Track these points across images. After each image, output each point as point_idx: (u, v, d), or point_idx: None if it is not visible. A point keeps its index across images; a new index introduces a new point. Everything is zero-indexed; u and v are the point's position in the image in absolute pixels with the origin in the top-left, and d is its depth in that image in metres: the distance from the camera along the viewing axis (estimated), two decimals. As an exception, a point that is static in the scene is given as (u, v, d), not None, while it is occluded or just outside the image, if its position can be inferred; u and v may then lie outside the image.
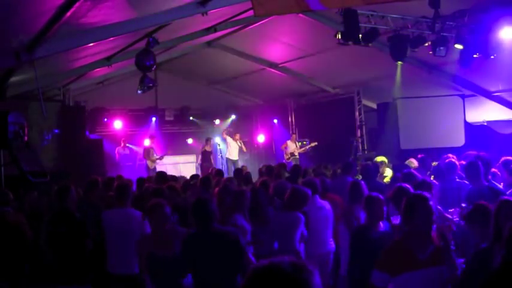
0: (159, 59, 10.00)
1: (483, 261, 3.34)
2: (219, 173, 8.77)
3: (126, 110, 15.54)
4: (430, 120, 13.05)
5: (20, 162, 8.41)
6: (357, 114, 14.85)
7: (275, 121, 17.47)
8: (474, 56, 9.47)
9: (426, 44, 9.67)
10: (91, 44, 7.33)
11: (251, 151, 17.51)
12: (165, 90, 14.64)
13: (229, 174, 12.59)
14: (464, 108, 13.16)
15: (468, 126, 13.28)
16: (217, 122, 17.28)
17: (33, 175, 8.50)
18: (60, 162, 11.85)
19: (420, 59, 11.34)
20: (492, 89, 12.68)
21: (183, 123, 16.95)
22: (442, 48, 9.52)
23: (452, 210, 5.17)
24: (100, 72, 11.53)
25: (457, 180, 6.00)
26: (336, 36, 9.57)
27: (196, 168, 15.51)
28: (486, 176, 5.48)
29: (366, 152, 14.28)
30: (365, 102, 15.22)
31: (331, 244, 5.54)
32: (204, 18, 7.33)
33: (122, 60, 10.13)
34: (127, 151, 14.75)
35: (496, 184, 5.46)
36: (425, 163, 7.90)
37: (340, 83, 15.04)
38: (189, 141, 16.96)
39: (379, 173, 8.62)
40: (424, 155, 8.23)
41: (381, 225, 4.37)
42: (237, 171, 9.31)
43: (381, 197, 4.41)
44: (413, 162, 8.51)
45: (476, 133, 12.90)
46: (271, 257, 1.59)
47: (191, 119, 16.97)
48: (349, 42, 9.47)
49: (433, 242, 3.28)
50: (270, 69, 14.36)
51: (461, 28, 9.38)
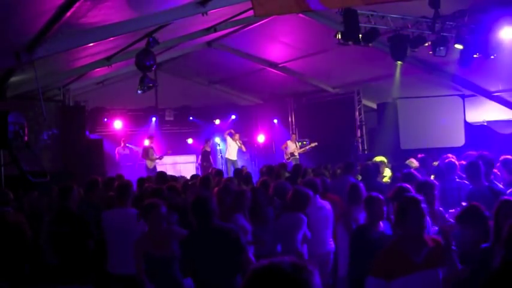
0: (159, 59, 10.01)
1: (483, 261, 3.34)
2: (219, 173, 8.77)
3: (126, 110, 15.55)
4: (430, 120, 13.05)
5: (20, 162, 8.41)
6: (357, 114, 14.85)
7: (275, 121, 17.46)
8: (474, 56, 9.49)
9: (426, 44, 9.68)
10: (91, 44, 7.34)
11: (251, 151, 17.50)
12: (165, 90, 14.64)
13: (228, 174, 12.59)
14: (464, 108, 13.17)
15: (468, 126, 13.29)
16: (217, 122, 17.27)
17: (33, 175, 8.50)
18: (60, 162, 11.86)
19: (420, 59, 11.35)
20: (492, 89, 12.69)
21: (183, 123, 16.96)
22: (442, 48, 9.53)
23: (452, 211, 5.16)
24: (100, 72, 11.53)
25: (457, 180, 5.99)
26: (336, 36, 9.57)
27: (196, 168, 15.51)
28: (488, 176, 5.41)
29: (366, 152, 14.28)
30: (365, 102, 15.22)
31: (331, 244, 5.53)
32: (204, 18, 7.33)
33: (121, 60, 10.13)
34: (127, 151, 14.75)
35: (497, 184, 5.40)
36: (425, 163, 7.88)
37: (340, 83, 15.05)
38: (189, 141, 16.96)
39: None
40: (424, 155, 8.21)
41: (381, 225, 4.37)
42: (237, 172, 9.30)
43: (380, 197, 4.41)
44: (413, 162, 8.49)
45: (476, 133, 12.90)
46: (272, 257, 1.59)
47: (191, 119, 16.98)
48: (349, 42, 9.47)
49: (427, 245, 3.23)
50: (270, 69, 14.37)
51: (461, 28, 9.39)
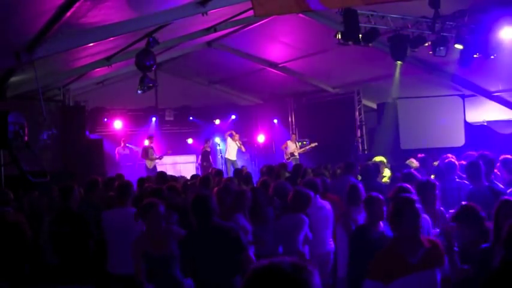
0: (159, 59, 10.01)
1: (483, 261, 3.34)
2: (219, 173, 8.76)
3: (126, 110, 15.55)
4: (430, 120, 13.05)
5: (20, 162, 8.41)
6: (357, 114, 14.85)
7: (275, 121, 17.46)
8: (474, 56, 9.49)
9: (426, 44, 9.68)
10: (91, 44, 7.34)
11: (251, 151, 17.50)
12: (165, 90, 14.65)
13: (228, 174, 12.59)
14: (464, 108, 13.18)
15: (468, 126, 13.29)
16: (217, 122, 17.27)
17: (33, 175, 8.50)
18: (60, 162, 11.85)
19: (420, 59, 11.35)
20: (492, 89, 12.69)
21: (183, 123, 16.96)
22: (442, 48, 9.53)
23: (452, 211, 5.14)
24: (100, 72, 11.53)
25: (457, 180, 5.98)
26: (336, 36, 9.56)
27: (196, 168, 15.51)
28: (488, 176, 5.36)
29: (366, 152, 14.28)
30: (365, 102, 15.22)
31: (331, 244, 5.53)
32: (204, 18, 7.33)
33: (121, 60, 10.13)
34: (127, 151, 14.75)
35: (497, 184, 5.35)
36: (425, 163, 7.87)
37: (340, 83, 15.05)
38: (189, 141, 16.96)
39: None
40: (424, 155, 8.21)
41: (381, 226, 4.36)
42: (237, 172, 9.30)
43: (380, 197, 4.41)
44: (413, 162, 8.49)
45: (476, 133, 12.91)
46: (273, 257, 1.59)
47: (191, 119, 16.97)
48: (349, 42, 9.47)
49: (424, 245, 3.19)
50: (270, 69, 14.36)
51: (461, 28, 9.39)
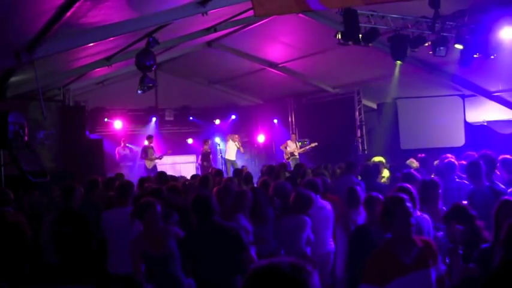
0: (159, 59, 10.00)
1: (484, 261, 3.34)
2: (219, 173, 8.76)
3: (126, 110, 15.54)
4: (430, 120, 13.05)
5: (20, 162, 8.41)
6: (357, 114, 14.84)
7: (275, 121, 17.45)
8: (474, 56, 9.49)
9: (426, 44, 9.68)
10: (91, 44, 7.33)
11: (251, 151, 17.50)
12: (165, 90, 14.65)
13: (228, 174, 12.59)
14: (464, 108, 13.18)
15: (468, 126, 13.30)
16: (217, 122, 17.28)
17: (33, 175, 8.50)
18: (60, 162, 11.85)
19: (420, 59, 11.35)
20: (492, 89, 12.69)
21: (183, 123, 16.95)
22: (442, 48, 9.53)
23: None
24: (100, 72, 11.53)
25: (457, 180, 5.98)
26: (336, 36, 9.56)
27: (196, 168, 15.51)
28: (489, 176, 5.31)
29: (365, 152, 14.28)
30: (365, 102, 15.21)
31: (331, 244, 5.52)
32: (204, 18, 7.33)
33: (121, 60, 10.13)
34: (127, 151, 14.74)
35: (498, 184, 5.29)
36: (425, 163, 7.87)
37: (340, 83, 15.04)
38: (189, 141, 16.96)
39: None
40: (424, 155, 8.21)
41: (381, 225, 4.36)
42: (237, 172, 9.30)
43: (380, 197, 4.40)
44: (414, 162, 8.48)
45: (476, 133, 12.91)
46: (273, 257, 1.60)
47: (191, 119, 16.98)
48: (349, 42, 9.47)
49: (417, 245, 3.14)
50: (270, 69, 14.36)
51: (461, 28, 9.39)
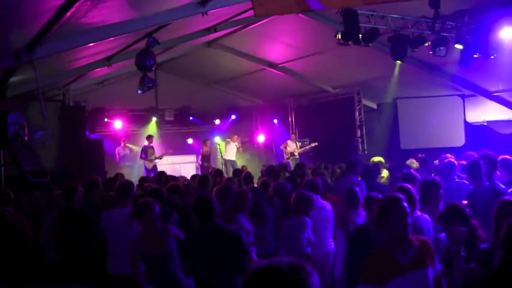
0: (159, 59, 9.99)
1: (484, 261, 3.33)
2: (219, 173, 8.77)
3: (126, 110, 15.55)
4: (430, 120, 13.05)
5: (20, 162, 8.41)
6: (357, 114, 14.84)
7: (275, 121, 17.46)
8: (474, 56, 9.48)
9: (426, 44, 9.67)
10: (91, 44, 7.33)
11: (251, 151, 17.50)
12: (165, 90, 14.64)
13: (227, 174, 12.59)
14: (464, 108, 13.18)
15: (468, 126, 13.30)
16: (217, 122, 17.27)
17: (33, 175, 8.51)
18: (60, 162, 11.85)
19: (420, 59, 11.34)
20: (492, 89, 12.69)
21: (183, 123, 16.96)
22: (442, 48, 9.52)
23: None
24: (100, 72, 11.52)
25: (457, 180, 5.98)
26: (336, 36, 9.56)
27: (196, 168, 15.52)
28: (489, 176, 5.29)
29: (365, 152, 14.28)
30: (365, 102, 15.21)
31: (331, 244, 5.52)
32: (204, 18, 7.33)
33: (122, 60, 10.12)
34: (127, 151, 14.75)
35: (499, 184, 5.27)
36: (426, 163, 7.87)
37: (340, 83, 15.03)
38: (189, 141, 16.97)
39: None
40: (424, 155, 8.21)
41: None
42: (237, 172, 9.30)
43: (380, 197, 4.40)
44: (414, 163, 8.48)
45: (476, 133, 12.91)
46: (273, 256, 1.60)
47: (191, 119, 16.97)
48: (349, 42, 9.46)
49: (413, 244, 3.14)
50: (270, 69, 14.36)
51: (461, 28, 9.38)
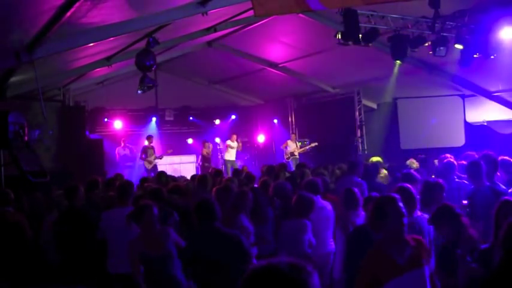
0: (159, 59, 9.99)
1: (485, 261, 3.34)
2: (218, 173, 8.76)
3: (126, 110, 15.55)
4: (430, 120, 13.06)
5: (20, 162, 8.41)
6: (357, 114, 14.84)
7: (275, 121, 17.45)
8: (474, 56, 9.48)
9: (426, 44, 9.67)
10: (91, 44, 7.33)
11: (251, 151, 17.50)
12: (165, 90, 14.60)
13: (227, 174, 12.59)
14: (464, 108, 13.19)
15: (468, 126, 13.31)
16: (217, 122, 17.27)
17: (33, 175, 8.50)
18: (60, 162, 11.85)
19: (420, 59, 11.34)
20: (492, 89, 12.69)
21: (183, 123, 16.95)
22: (442, 48, 9.52)
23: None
24: (100, 72, 11.52)
25: (457, 180, 5.98)
26: (336, 36, 9.56)
27: (196, 168, 15.51)
28: (490, 176, 5.27)
29: (365, 152, 14.27)
30: (365, 102, 15.21)
31: (331, 245, 5.52)
32: (204, 18, 7.33)
33: (121, 60, 10.12)
34: (127, 151, 14.73)
35: (499, 184, 5.25)
36: (426, 163, 7.87)
37: (340, 83, 15.04)
38: (189, 141, 16.96)
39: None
40: (424, 155, 8.21)
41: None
42: (236, 172, 9.30)
43: (379, 197, 4.41)
44: (414, 163, 8.49)
45: (476, 133, 12.92)
46: (273, 256, 1.59)
47: (191, 119, 16.96)
48: (349, 42, 9.46)
49: (409, 244, 3.13)
50: (270, 69, 14.36)
51: (461, 28, 9.39)
